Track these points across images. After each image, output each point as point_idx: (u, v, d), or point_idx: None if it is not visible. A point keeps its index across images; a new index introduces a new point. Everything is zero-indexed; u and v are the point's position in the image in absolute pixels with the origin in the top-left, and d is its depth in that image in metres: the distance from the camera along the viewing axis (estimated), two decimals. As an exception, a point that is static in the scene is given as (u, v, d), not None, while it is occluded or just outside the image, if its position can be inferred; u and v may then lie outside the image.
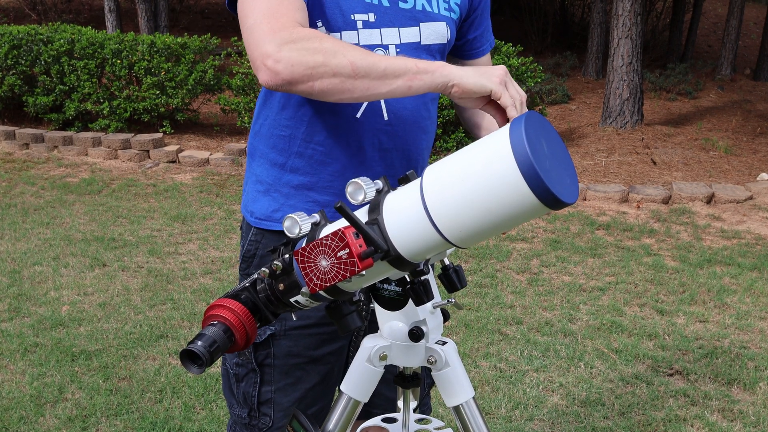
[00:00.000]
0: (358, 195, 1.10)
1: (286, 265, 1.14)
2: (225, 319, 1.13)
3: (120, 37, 7.53)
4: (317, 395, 1.64)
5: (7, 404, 2.96)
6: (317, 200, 1.53)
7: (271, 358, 1.59)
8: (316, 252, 1.06)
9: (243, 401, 1.64)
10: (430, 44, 1.54)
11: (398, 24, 1.49)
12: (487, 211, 1.00)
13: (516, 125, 0.98)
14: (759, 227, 5.49)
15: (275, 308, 1.19)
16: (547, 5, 12.84)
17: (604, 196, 5.99)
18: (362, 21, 1.45)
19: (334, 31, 1.44)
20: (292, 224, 1.13)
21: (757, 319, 3.93)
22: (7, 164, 6.77)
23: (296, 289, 1.15)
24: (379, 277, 1.15)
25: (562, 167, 1.03)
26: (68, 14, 13.13)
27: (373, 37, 1.47)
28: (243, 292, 1.19)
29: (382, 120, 1.51)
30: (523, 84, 7.27)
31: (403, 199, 1.08)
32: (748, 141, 8.00)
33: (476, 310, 3.94)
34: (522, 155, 0.96)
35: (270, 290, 1.17)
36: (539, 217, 1.06)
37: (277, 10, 1.30)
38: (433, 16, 1.54)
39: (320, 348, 1.60)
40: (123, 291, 4.08)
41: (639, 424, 2.94)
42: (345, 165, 1.52)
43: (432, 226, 1.04)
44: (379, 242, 1.04)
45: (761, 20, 13.71)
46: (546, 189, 0.95)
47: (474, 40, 1.70)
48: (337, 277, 1.05)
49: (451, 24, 1.58)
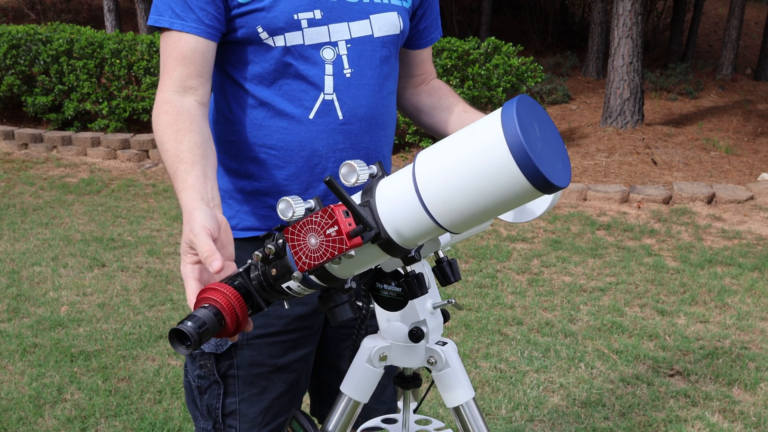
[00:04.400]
0: (350, 177, 1.09)
1: (279, 249, 1.14)
2: (216, 302, 1.12)
3: (119, 36, 7.53)
4: (284, 404, 1.60)
5: (6, 405, 2.95)
6: (273, 205, 1.49)
7: (234, 368, 1.55)
8: (305, 230, 1.05)
9: (207, 414, 1.59)
10: (384, 36, 1.50)
11: (347, 18, 1.45)
12: (479, 195, 0.99)
13: (507, 108, 0.98)
14: (760, 227, 5.48)
15: (268, 295, 1.18)
16: (547, 5, 12.84)
17: (605, 197, 5.98)
18: (307, 19, 1.41)
19: (277, 34, 1.41)
20: (285, 207, 1.12)
21: (758, 320, 3.92)
22: (6, 164, 6.76)
23: (288, 274, 1.14)
24: (370, 263, 1.14)
25: (553, 151, 1.02)
26: (67, 14, 13.13)
27: (320, 35, 1.43)
28: (237, 278, 1.18)
29: (336, 120, 1.47)
30: (524, 84, 7.26)
31: (396, 183, 1.07)
32: (748, 141, 8.00)
33: (476, 311, 3.93)
34: (513, 138, 0.95)
35: (263, 276, 1.16)
36: (531, 200, 1.05)
37: (166, 64, 1.42)
38: (383, 7, 1.49)
39: (285, 356, 1.56)
40: (122, 291, 4.07)
41: (640, 425, 2.93)
42: (300, 168, 1.48)
43: (423, 210, 1.03)
44: (368, 220, 1.03)
45: (762, 20, 13.72)
46: (537, 172, 0.95)
47: (424, 30, 1.66)
48: (325, 255, 1.04)
49: (403, 13, 1.54)
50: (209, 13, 1.39)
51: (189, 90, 1.40)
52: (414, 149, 7.13)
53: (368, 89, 1.50)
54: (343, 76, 1.46)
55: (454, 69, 6.87)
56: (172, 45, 1.40)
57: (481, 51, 7.01)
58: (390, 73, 1.56)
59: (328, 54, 1.45)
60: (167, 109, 1.38)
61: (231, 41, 1.45)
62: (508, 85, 7.02)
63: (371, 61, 1.49)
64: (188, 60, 1.40)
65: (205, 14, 1.39)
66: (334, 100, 1.46)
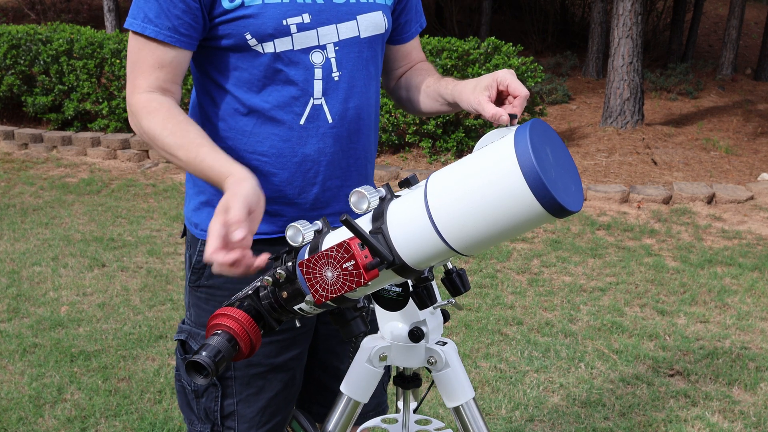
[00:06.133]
0: (361, 204, 1.09)
1: (290, 273, 1.14)
2: (229, 328, 1.12)
3: (119, 36, 7.52)
4: (281, 403, 1.61)
5: (6, 405, 2.95)
6: (268, 211, 1.47)
7: (232, 370, 1.55)
8: (321, 263, 1.05)
9: (204, 417, 1.59)
10: (370, 36, 1.50)
11: (335, 20, 1.45)
12: (493, 221, 0.99)
13: (521, 134, 0.97)
14: (760, 227, 5.48)
15: (279, 315, 1.18)
16: (547, 5, 12.83)
17: (605, 197, 5.98)
18: (296, 24, 1.41)
19: (266, 41, 1.40)
20: (294, 233, 1.13)
21: (758, 320, 3.92)
22: (5, 164, 6.76)
23: (300, 297, 1.14)
24: (383, 284, 1.15)
25: (566, 174, 1.02)
26: (67, 14, 13.12)
27: (309, 39, 1.43)
28: (246, 299, 1.18)
29: (326, 123, 1.47)
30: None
31: (408, 207, 1.07)
32: (748, 141, 7.99)
33: (476, 311, 3.93)
34: (528, 165, 0.95)
35: (273, 298, 1.16)
36: (544, 224, 1.06)
37: (137, 67, 1.42)
38: (369, 7, 1.50)
39: (281, 355, 1.57)
40: (122, 291, 4.07)
41: (640, 425, 2.93)
42: (293, 173, 1.48)
43: (437, 235, 1.03)
44: (384, 253, 1.04)
45: (762, 20, 13.71)
46: (552, 199, 0.94)
47: (405, 24, 1.66)
48: (343, 288, 1.04)
49: (386, 11, 1.54)
50: (185, 22, 1.38)
51: (166, 92, 1.42)
52: (414, 149, 7.13)
53: (355, 91, 1.50)
54: (331, 80, 1.46)
55: (454, 69, 6.87)
56: (148, 51, 1.40)
57: (481, 51, 7.01)
58: (376, 74, 1.57)
59: (317, 58, 1.45)
60: (156, 107, 1.39)
61: (216, 47, 1.44)
62: (508, 85, 7.01)
63: (358, 63, 1.50)
64: (165, 67, 1.41)
65: (181, 23, 1.38)
66: (323, 104, 1.46)
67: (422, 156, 7.04)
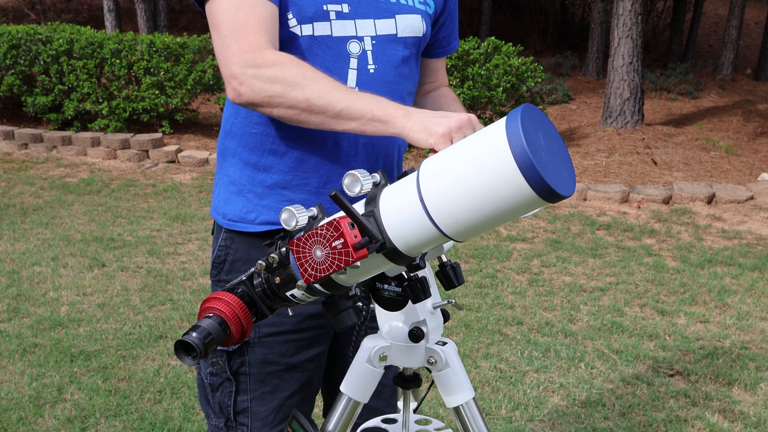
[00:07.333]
0: (354, 187, 1.09)
1: (283, 257, 1.14)
2: (220, 311, 1.13)
3: (119, 36, 7.52)
4: (296, 403, 1.61)
5: (6, 405, 2.95)
6: (292, 199, 1.50)
7: (246, 366, 1.56)
8: (311, 242, 1.05)
9: (219, 411, 1.60)
10: (407, 37, 1.51)
11: (373, 15, 1.46)
12: (484, 205, 0.99)
13: (512, 118, 0.97)
14: (760, 227, 5.48)
15: (272, 302, 1.18)
16: (547, 5, 12.83)
17: (605, 197, 5.98)
18: (335, 11, 1.42)
19: (306, 23, 1.41)
20: (289, 216, 1.12)
21: (758, 320, 3.92)
22: (5, 164, 6.76)
23: (292, 282, 1.14)
24: (375, 271, 1.14)
25: (558, 160, 1.02)
26: (67, 14, 13.12)
27: (348, 29, 1.44)
28: (239, 285, 1.18)
29: None
30: (524, 84, 7.26)
31: (400, 191, 1.07)
32: (748, 141, 8.00)
33: (476, 311, 3.93)
34: (518, 148, 0.95)
35: (266, 284, 1.16)
36: (537, 209, 1.05)
37: (245, 26, 1.33)
38: (408, 9, 1.51)
39: (297, 355, 1.57)
40: (122, 291, 4.07)
41: (640, 425, 2.93)
42: (320, 161, 1.48)
43: (429, 219, 1.03)
44: (374, 233, 1.03)
45: (762, 20, 13.71)
46: (543, 182, 0.94)
47: (443, 39, 1.68)
48: (331, 268, 1.04)
49: (426, 18, 1.55)
50: None
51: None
52: (414, 149, 7.13)
53: (388, 87, 1.50)
54: (366, 71, 1.47)
55: (454, 69, 6.87)
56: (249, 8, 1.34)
57: (481, 51, 7.01)
58: (410, 75, 1.57)
59: (354, 48, 1.45)
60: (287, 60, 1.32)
61: None
62: (508, 85, 7.02)
63: (393, 60, 1.50)
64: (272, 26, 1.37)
65: None
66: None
67: (422, 156, 7.05)
